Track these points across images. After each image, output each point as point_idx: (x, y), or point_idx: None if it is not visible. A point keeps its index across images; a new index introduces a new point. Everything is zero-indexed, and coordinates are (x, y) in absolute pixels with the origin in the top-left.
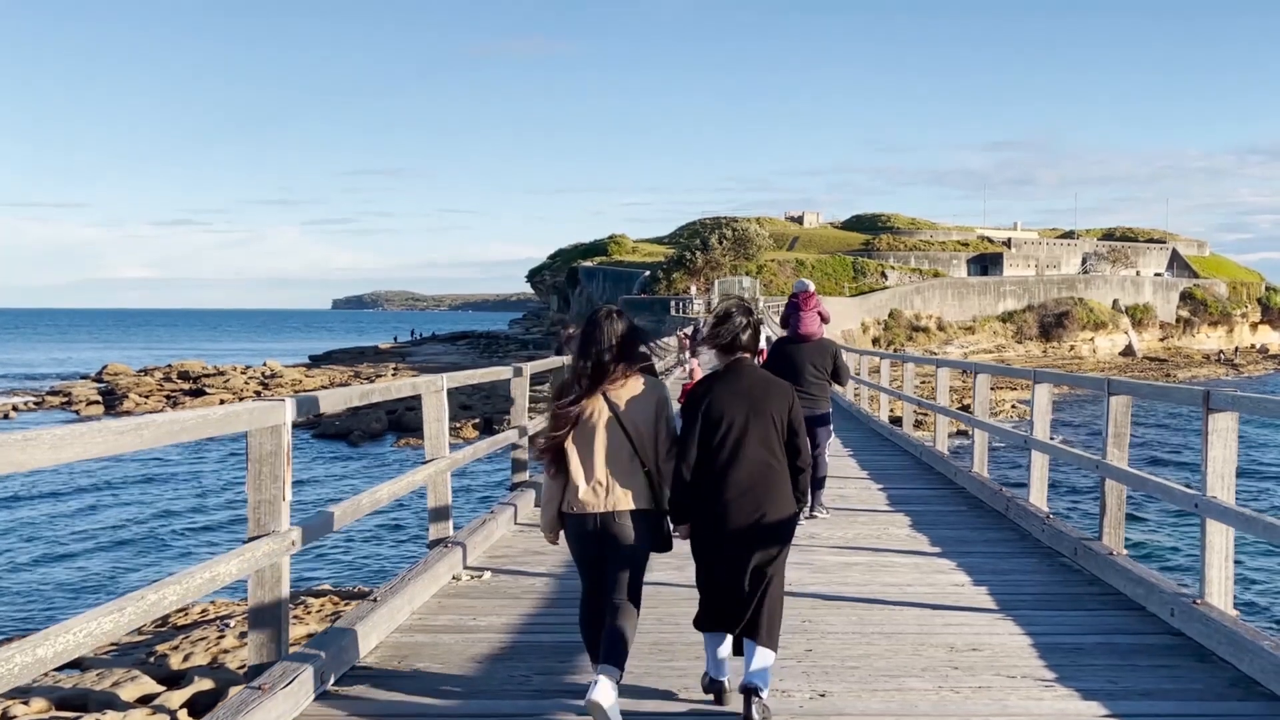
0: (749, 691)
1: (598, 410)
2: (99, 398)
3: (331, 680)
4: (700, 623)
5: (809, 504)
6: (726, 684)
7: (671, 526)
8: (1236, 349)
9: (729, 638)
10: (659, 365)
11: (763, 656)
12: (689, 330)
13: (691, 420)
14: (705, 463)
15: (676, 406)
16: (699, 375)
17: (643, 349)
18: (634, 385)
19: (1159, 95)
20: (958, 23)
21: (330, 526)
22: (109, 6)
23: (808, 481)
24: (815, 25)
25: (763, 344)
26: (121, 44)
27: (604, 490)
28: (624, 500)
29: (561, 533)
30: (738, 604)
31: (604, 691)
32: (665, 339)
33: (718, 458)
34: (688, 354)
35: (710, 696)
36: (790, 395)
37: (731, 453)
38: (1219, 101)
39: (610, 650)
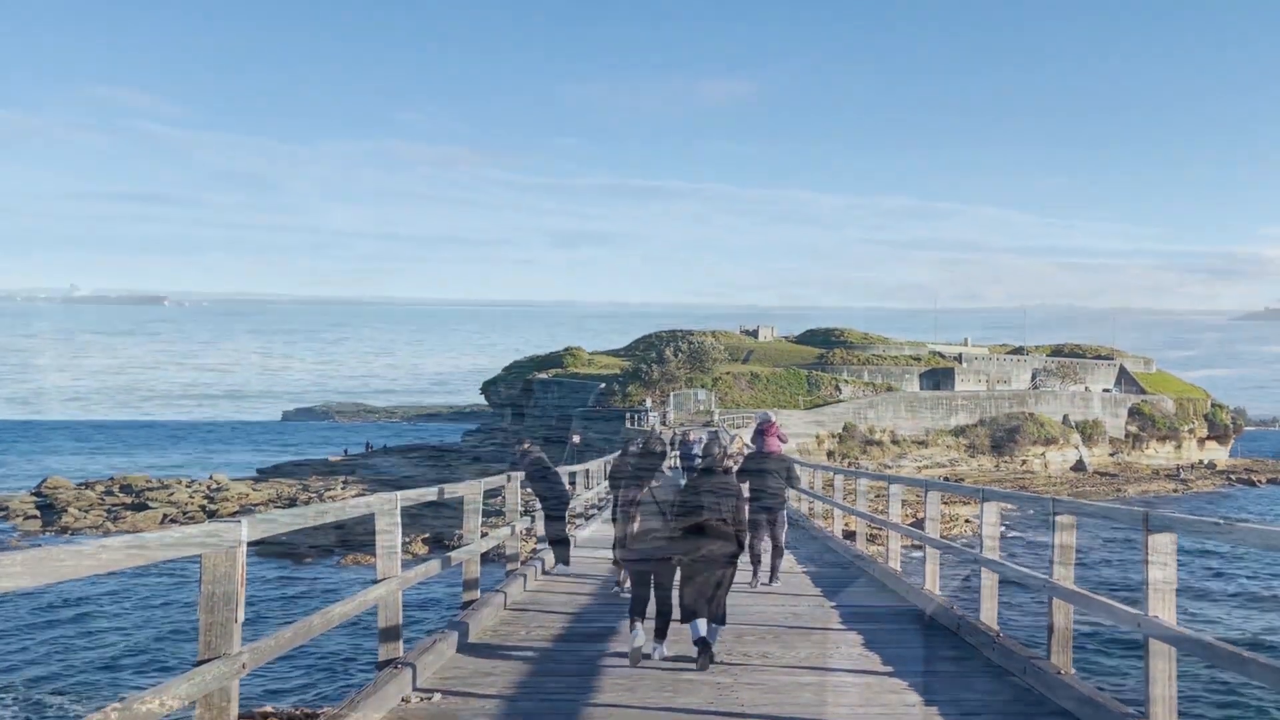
0: (706, 642)
1: (643, 494)
2: (36, 512)
3: None
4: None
5: (769, 573)
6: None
7: None
8: (1188, 465)
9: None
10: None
11: (716, 628)
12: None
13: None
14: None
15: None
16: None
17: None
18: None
19: (1102, 215)
20: (909, 144)
21: (281, 648)
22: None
23: (745, 537)
24: (769, 144)
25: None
26: (90, 149)
27: None
28: None
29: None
30: (699, 601)
31: (663, 650)
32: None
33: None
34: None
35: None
36: (738, 491)
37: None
38: (1159, 221)
39: (660, 630)
